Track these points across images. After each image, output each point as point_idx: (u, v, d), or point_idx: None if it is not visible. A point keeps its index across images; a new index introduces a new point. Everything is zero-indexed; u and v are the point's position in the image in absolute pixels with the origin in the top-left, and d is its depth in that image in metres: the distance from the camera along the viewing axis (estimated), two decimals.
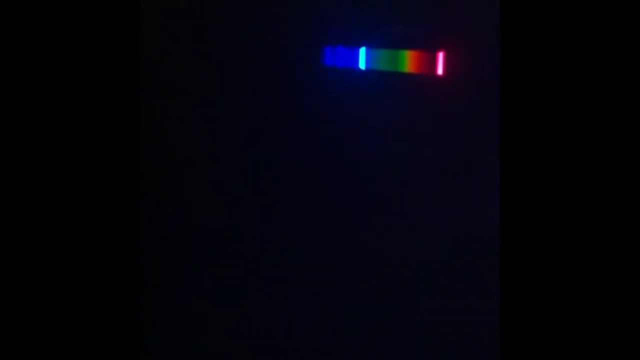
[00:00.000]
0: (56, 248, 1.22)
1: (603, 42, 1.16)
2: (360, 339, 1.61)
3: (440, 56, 1.60)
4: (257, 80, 1.66)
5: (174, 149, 1.65)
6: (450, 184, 1.59)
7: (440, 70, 1.60)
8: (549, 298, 1.17)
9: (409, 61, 1.61)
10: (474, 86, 1.57)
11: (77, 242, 1.22)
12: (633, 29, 1.14)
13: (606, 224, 1.16)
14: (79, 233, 1.23)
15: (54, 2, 1.24)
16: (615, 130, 1.15)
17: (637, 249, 1.14)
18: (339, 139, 1.64)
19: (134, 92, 1.26)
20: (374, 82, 1.62)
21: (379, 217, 1.63)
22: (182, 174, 1.66)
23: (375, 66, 1.63)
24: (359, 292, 1.62)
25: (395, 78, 1.61)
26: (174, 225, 1.65)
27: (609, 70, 1.16)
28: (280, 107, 1.66)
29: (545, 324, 1.16)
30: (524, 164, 1.18)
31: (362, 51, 1.63)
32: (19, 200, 1.22)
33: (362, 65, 1.63)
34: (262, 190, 1.66)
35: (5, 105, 1.22)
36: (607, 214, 1.16)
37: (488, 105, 1.52)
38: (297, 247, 1.65)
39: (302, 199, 1.65)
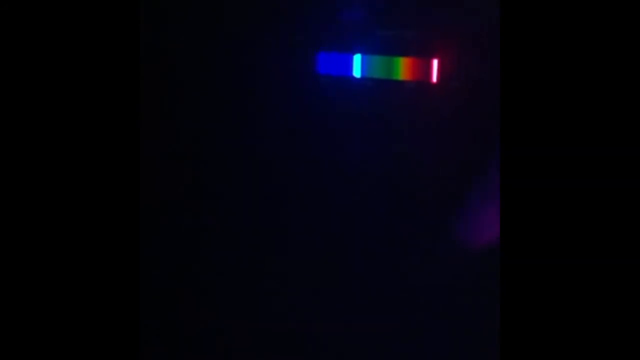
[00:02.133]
0: (56, 248, 1.21)
1: (602, 47, 1.17)
2: (361, 340, 1.61)
3: (435, 63, 1.61)
4: (251, 87, 1.66)
5: (173, 150, 1.65)
6: (445, 190, 1.59)
7: (435, 78, 1.61)
8: (549, 299, 1.17)
9: (403, 68, 1.62)
10: (468, 93, 1.58)
11: (77, 242, 1.22)
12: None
13: (606, 224, 1.16)
14: (78, 233, 1.22)
15: (54, 1, 1.24)
16: (612, 131, 1.16)
17: (637, 250, 1.15)
18: (334, 146, 1.65)
19: (134, 92, 1.26)
20: (368, 89, 1.63)
21: (376, 223, 1.63)
22: (182, 175, 1.66)
23: (369, 73, 1.63)
24: (359, 293, 1.62)
25: (389, 85, 1.62)
26: (173, 225, 1.65)
27: (607, 72, 1.17)
28: (274, 115, 1.66)
29: (546, 325, 1.16)
30: (522, 168, 1.18)
31: (357, 58, 1.63)
32: (18, 200, 1.21)
33: (356, 72, 1.63)
34: (261, 189, 1.66)
35: (5, 105, 1.22)
36: (607, 215, 1.16)
37: (484, 112, 1.53)
38: (295, 248, 1.65)
39: (298, 204, 1.65)
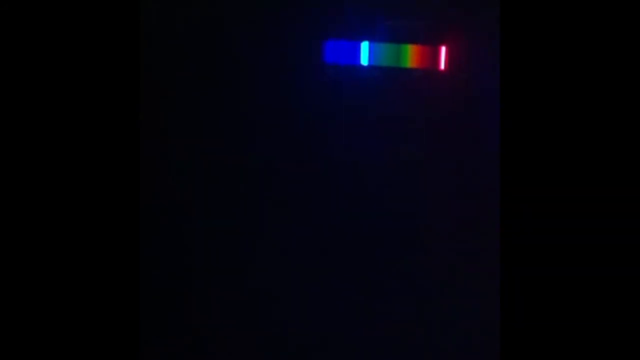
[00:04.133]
0: (56, 248, 1.22)
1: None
2: (361, 340, 1.61)
3: (443, 51, 1.60)
4: (257, 77, 1.66)
5: (174, 149, 1.65)
6: (451, 179, 1.59)
7: (442, 65, 1.60)
8: (549, 299, 1.17)
9: (411, 56, 1.61)
10: (476, 80, 1.57)
11: (77, 242, 1.23)
12: None
13: (606, 224, 1.15)
14: (79, 233, 1.23)
15: (55, 2, 1.24)
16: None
17: (637, 250, 1.14)
18: (341, 135, 1.64)
19: (134, 92, 1.26)
20: (376, 77, 1.62)
21: (381, 212, 1.63)
22: (182, 173, 1.66)
23: (377, 61, 1.62)
24: (360, 293, 1.62)
25: (397, 73, 1.61)
26: (173, 225, 1.66)
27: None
28: (281, 104, 1.66)
29: (545, 326, 1.16)
30: (525, 159, 1.18)
31: (365, 46, 1.62)
32: (18, 200, 1.22)
33: (364, 61, 1.62)
34: (262, 188, 1.66)
35: (5, 105, 1.22)
36: (607, 214, 1.16)
37: (490, 99, 1.52)
38: (297, 247, 1.65)
39: (303, 197, 1.65)
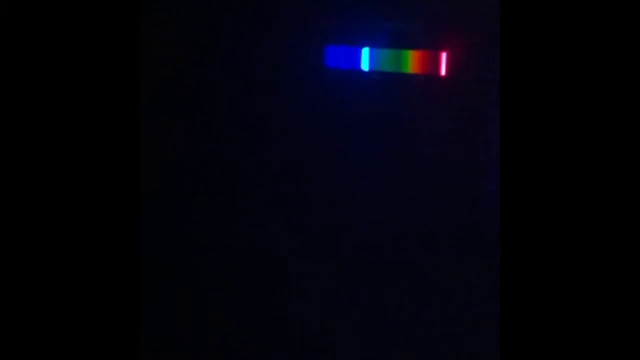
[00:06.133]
0: (56, 248, 1.22)
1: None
2: (361, 339, 1.61)
3: (444, 56, 1.60)
4: (258, 81, 1.66)
5: (174, 150, 1.66)
6: (452, 183, 1.59)
7: (443, 71, 1.60)
8: (548, 299, 1.17)
9: (412, 61, 1.61)
10: (477, 86, 1.57)
11: (77, 242, 1.23)
12: None
13: (606, 226, 1.15)
14: (79, 233, 1.23)
15: (55, 2, 1.24)
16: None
17: (637, 250, 1.14)
18: (342, 139, 1.65)
19: (134, 92, 1.26)
20: (376, 82, 1.63)
21: (381, 216, 1.63)
22: (182, 174, 1.67)
23: (378, 67, 1.63)
24: (363, 292, 1.62)
25: (398, 78, 1.61)
26: (174, 225, 1.66)
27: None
28: (282, 109, 1.66)
29: (545, 324, 1.16)
30: (525, 164, 1.18)
31: (365, 51, 1.63)
32: (17, 199, 1.22)
33: (364, 66, 1.63)
34: (263, 190, 1.66)
35: (4, 105, 1.22)
36: (608, 215, 1.15)
37: (491, 105, 1.52)
38: (297, 247, 1.65)
39: (303, 199, 1.66)
